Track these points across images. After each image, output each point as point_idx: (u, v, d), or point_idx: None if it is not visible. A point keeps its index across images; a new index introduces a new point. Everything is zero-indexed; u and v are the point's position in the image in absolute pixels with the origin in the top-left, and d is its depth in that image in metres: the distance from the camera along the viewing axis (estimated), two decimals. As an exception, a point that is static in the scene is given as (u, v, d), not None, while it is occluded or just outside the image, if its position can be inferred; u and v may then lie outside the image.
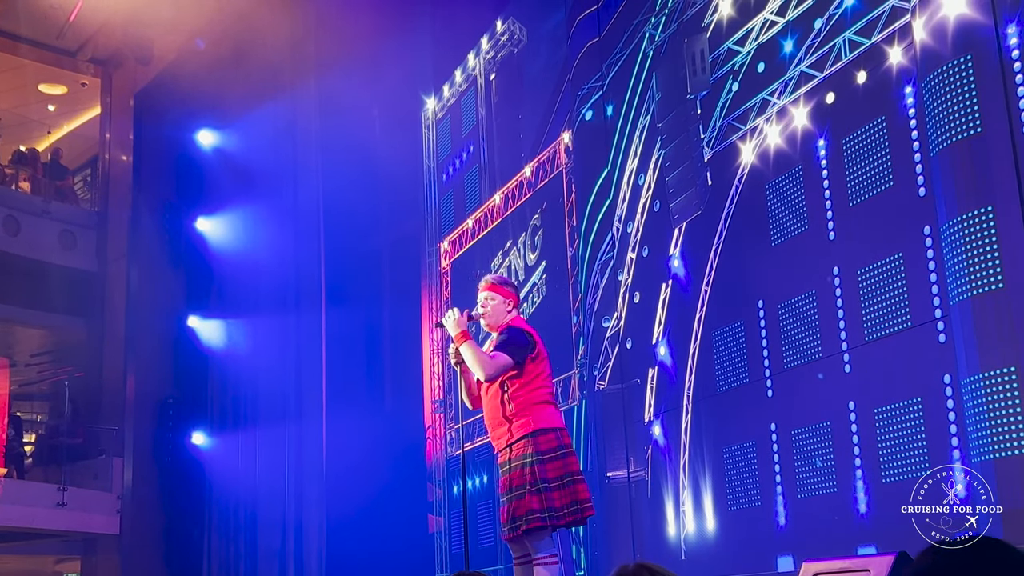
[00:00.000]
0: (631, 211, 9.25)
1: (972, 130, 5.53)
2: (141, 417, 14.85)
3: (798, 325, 7.07)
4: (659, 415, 8.68)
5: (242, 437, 13.87)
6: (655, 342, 8.75)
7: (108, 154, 16.74)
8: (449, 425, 12.67)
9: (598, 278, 9.71)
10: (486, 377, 5.17)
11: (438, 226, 13.41)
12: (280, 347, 13.75)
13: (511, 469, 5.14)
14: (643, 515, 8.84)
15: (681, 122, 8.49)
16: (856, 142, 6.65)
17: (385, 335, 14.30)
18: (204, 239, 14.04)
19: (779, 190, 7.31)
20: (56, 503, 13.53)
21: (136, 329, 15.10)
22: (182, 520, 14.23)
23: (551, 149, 10.71)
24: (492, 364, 5.12)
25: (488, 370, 5.13)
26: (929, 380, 6.00)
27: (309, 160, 14.11)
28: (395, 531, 12.47)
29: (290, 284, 14.00)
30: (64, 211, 16.23)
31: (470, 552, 5.65)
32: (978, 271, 5.38)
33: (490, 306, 5.40)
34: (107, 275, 15.98)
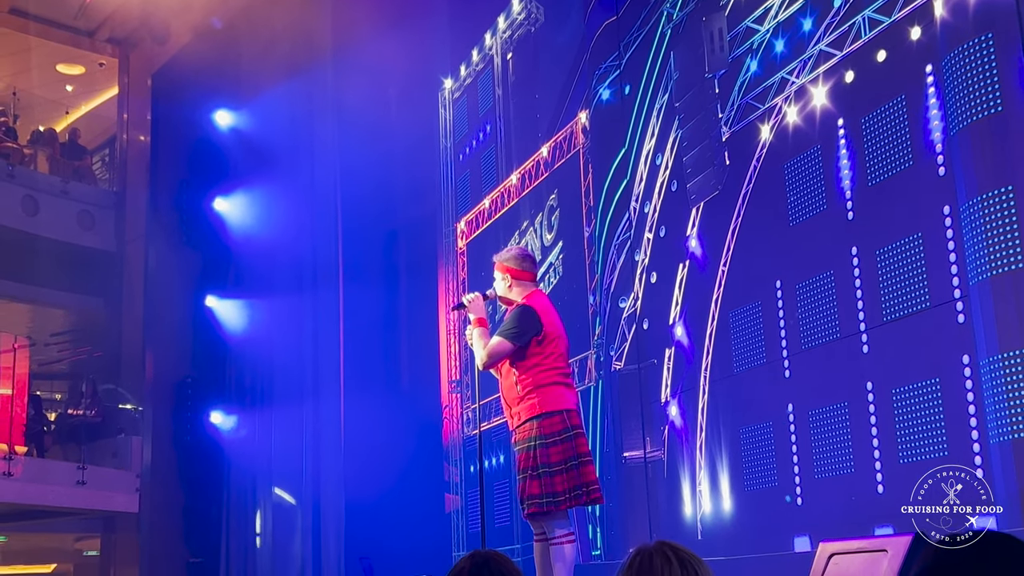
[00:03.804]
0: (648, 191, 9.22)
1: (993, 109, 5.48)
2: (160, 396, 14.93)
3: (816, 305, 7.05)
4: (676, 395, 8.67)
5: (260, 416, 13.92)
6: (672, 322, 8.73)
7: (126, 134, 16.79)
8: (466, 405, 12.69)
9: (615, 258, 9.70)
10: (482, 365, 5.20)
11: (455, 206, 13.40)
12: (298, 327, 13.78)
13: (518, 451, 5.16)
14: (659, 495, 8.84)
15: (699, 101, 8.45)
16: (875, 121, 6.61)
17: (402, 315, 14.32)
18: (221, 219, 14.06)
19: (797, 170, 7.27)
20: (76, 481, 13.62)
21: (154, 309, 15.16)
22: (201, 499, 14.31)
23: (568, 129, 10.68)
24: (488, 351, 5.13)
25: (483, 359, 5.15)
26: (948, 361, 5.97)
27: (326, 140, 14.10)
28: (412, 510, 12.52)
29: (307, 264, 14.02)
30: (82, 191, 16.28)
31: (487, 531, 5.67)
32: (998, 251, 5.34)
33: (494, 285, 5.42)
34: (125, 255, 16.04)
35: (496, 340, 5.15)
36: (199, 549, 14.20)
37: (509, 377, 5.21)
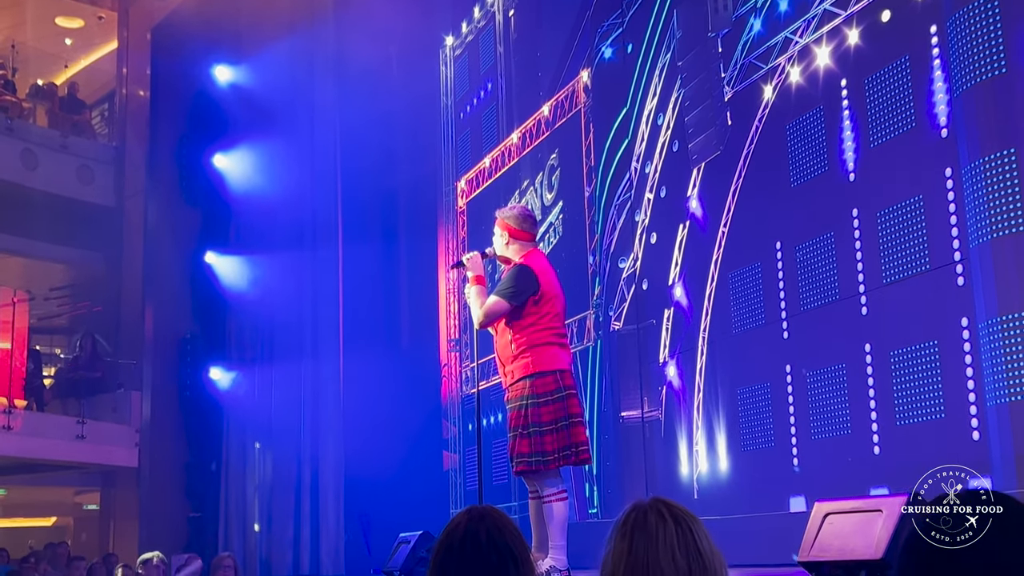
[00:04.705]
0: (649, 151, 9.18)
1: (997, 71, 5.44)
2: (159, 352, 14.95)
3: (816, 267, 7.04)
4: (674, 356, 8.68)
5: (260, 373, 13.94)
6: (671, 283, 8.73)
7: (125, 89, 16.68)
8: (464, 364, 12.71)
9: (615, 219, 9.67)
10: (478, 324, 5.19)
11: (455, 165, 13.35)
12: (297, 284, 13.77)
13: (510, 409, 5.17)
14: (656, 455, 8.88)
15: (702, 61, 8.39)
16: (878, 82, 6.57)
17: (402, 273, 14.31)
18: (221, 175, 14.01)
19: (799, 130, 7.24)
20: (75, 436, 13.67)
21: (154, 265, 15.15)
22: (200, 454, 14.37)
23: (569, 88, 10.62)
24: (484, 310, 5.13)
25: (480, 317, 5.14)
26: (946, 323, 5.97)
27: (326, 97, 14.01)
28: (410, 468, 12.57)
29: (307, 221, 13.98)
30: (81, 146, 16.21)
31: (484, 489, 5.69)
32: (999, 214, 5.32)
33: (493, 242, 5.40)
34: (124, 210, 15.99)
35: (493, 299, 5.15)
36: (198, 504, 14.28)
37: (504, 335, 5.21)
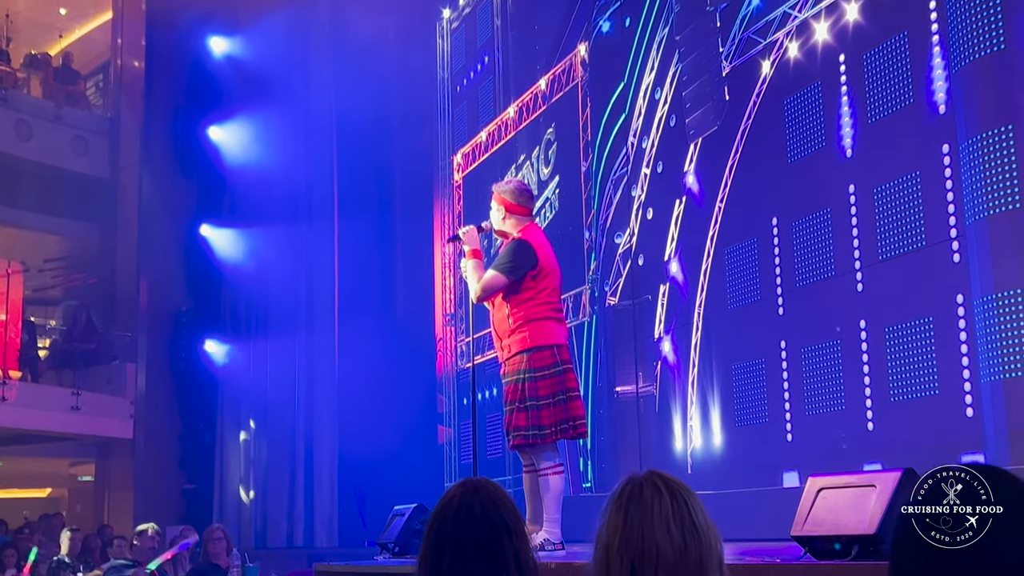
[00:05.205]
0: (647, 126, 9.16)
1: (996, 47, 5.42)
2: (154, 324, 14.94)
3: (812, 243, 7.03)
4: (669, 331, 8.69)
5: (254, 346, 13.96)
6: (667, 258, 8.72)
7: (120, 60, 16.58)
8: (460, 338, 12.72)
9: (611, 193, 9.66)
10: (475, 298, 5.19)
11: (451, 139, 13.31)
12: (292, 257, 13.77)
13: (507, 383, 5.17)
14: (651, 430, 8.90)
15: (700, 35, 8.36)
16: (877, 58, 6.54)
17: (397, 247, 14.30)
18: (216, 147, 13.97)
19: (797, 106, 7.22)
20: (70, 407, 13.67)
21: (149, 237, 15.11)
22: (195, 426, 14.39)
23: (567, 61, 10.57)
24: (482, 285, 5.12)
25: (477, 291, 5.14)
26: (942, 300, 5.97)
27: (322, 69, 13.96)
28: (405, 441, 12.60)
29: (302, 194, 13.96)
30: (76, 116, 16.13)
31: (478, 463, 5.70)
32: (996, 191, 5.32)
33: (490, 216, 5.38)
34: (119, 182, 15.93)
35: (491, 273, 5.14)
36: (193, 475, 14.31)
37: (501, 309, 5.21)
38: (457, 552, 2.23)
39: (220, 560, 8.28)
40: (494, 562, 2.22)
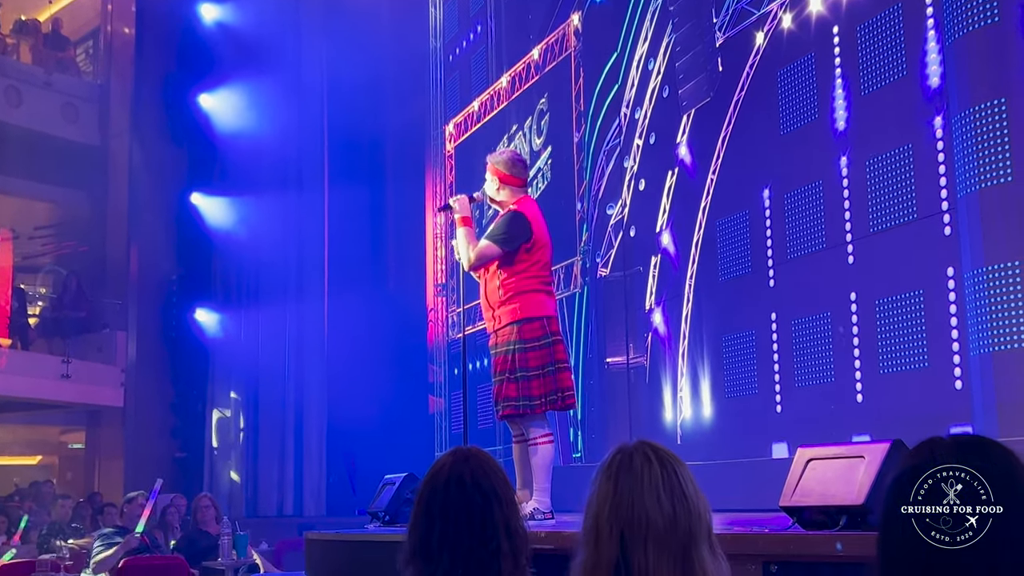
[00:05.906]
0: (639, 97, 9.13)
1: (990, 19, 5.40)
2: (145, 292, 14.91)
3: (803, 215, 7.03)
4: (660, 303, 8.70)
5: (245, 315, 13.95)
6: (659, 230, 8.72)
7: (110, 26, 16.46)
8: (451, 309, 12.72)
9: (604, 164, 9.64)
10: (468, 266, 5.19)
11: (443, 108, 13.25)
12: (283, 225, 13.75)
13: (496, 354, 5.18)
14: (641, 401, 8.93)
15: (693, 6, 8.32)
16: (871, 29, 6.52)
17: (389, 217, 14.28)
18: (207, 115, 13.90)
19: (791, 78, 7.20)
20: (60, 375, 13.67)
21: (139, 204, 15.05)
22: (185, 394, 14.40)
23: (560, 31, 10.52)
24: (475, 253, 5.12)
25: (470, 259, 5.14)
26: (932, 272, 5.98)
27: (314, 37, 13.89)
28: (395, 411, 12.62)
29: (293, 163, 13.92)
30: (66, 83, 16.04)
31: (469, 433, 5.72)
32: (988, 164, 5.31)
33: (484, 186, 5.37)
34: (109, 149, 15.86)
35: (485, 243, 5.14)
36: (183, 444, 14.33)
37: (493, 280, 5.21)
38: (447, 520, 2.24)
39: (209, 527, 8.32)
40: (484, 530, 2.23)
